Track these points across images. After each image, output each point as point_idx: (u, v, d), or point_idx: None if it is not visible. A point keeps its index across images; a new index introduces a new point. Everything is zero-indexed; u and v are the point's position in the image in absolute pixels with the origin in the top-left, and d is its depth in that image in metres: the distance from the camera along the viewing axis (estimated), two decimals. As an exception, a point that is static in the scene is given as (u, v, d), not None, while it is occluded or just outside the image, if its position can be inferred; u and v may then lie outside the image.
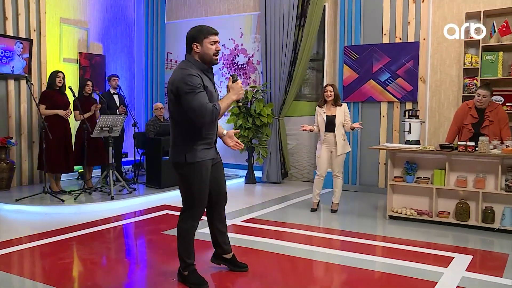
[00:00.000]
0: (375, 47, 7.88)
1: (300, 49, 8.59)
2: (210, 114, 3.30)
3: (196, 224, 3.63)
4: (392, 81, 7.76)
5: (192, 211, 3.58)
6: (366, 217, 6.28)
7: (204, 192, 3.57)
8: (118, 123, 7.27)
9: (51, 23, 8.74)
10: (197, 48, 3.47)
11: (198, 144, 3.47)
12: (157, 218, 6.12)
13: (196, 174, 3.49)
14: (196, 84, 3.31)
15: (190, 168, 3.48)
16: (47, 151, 6.94)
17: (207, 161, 3.54)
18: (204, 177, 3.52)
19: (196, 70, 3.42)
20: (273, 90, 8.89)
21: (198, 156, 3.47)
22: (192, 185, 3.52)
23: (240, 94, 3.48)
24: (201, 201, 3.57)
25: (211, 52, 3.46)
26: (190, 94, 3.29)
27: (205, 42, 3.45)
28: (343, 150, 6.27)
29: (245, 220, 5.98)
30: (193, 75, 3.34)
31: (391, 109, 7.86)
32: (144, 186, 8.08)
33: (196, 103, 3.28)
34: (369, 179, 8.09)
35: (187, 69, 3.39)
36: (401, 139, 7.55)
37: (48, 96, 7.12)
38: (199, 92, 3.30)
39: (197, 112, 3.29)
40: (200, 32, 3.48)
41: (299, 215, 6.37)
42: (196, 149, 3.46)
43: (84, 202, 6.74)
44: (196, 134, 3.47)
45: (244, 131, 8.66)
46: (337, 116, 6.21)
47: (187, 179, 3.53)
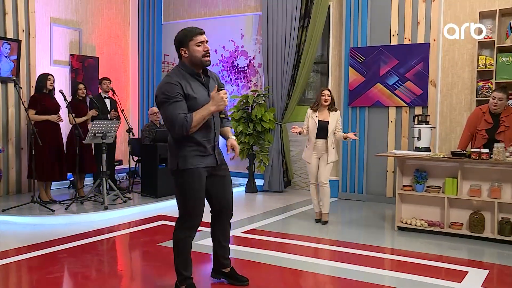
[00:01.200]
0: (383, 48, 7.86)
1: (304, 51, 8.58)
2: (180, 126, 3.33)
3: (192, 234, 3.64)
4: (400, 84, 7.74)
5: (187, 220, 3.60)
6: (374, 228, 6.26)
7: (198, 201, 3.57)
8: (112, 129, 7.26)
9: (41, 23, 8.74)
10: (185, 53, 3.50)
11: (190, 150, 3.50)
12: (153, 229, 6.11)
13: (188, 182, 3.52)
14: (172, 93, 3.35)
15: (182, 175, 3.52)
16: (37, 158, 6.90)
17: (200, 169, 3.54)
18: (196, 185, 3.54)
19: (180, 77, 3.44)
20: (275, 94, 8.88)
21: (190, 162, 3.50)
22: (185, 192, 3.55)
23: (220, 105, 3.42)
24: (195, 210, 3.58)
25: (199, 54, 3.48)
26: (164, 104, 3.37)
27: (191, 45, 3.48)
28: (333, 159, 6.25)
29: (245, 231, 5.98)
30: (172, 83, 3.38)
31: (399, 114, 7.84)
32: (139, 195, 8.04)
33: (168, 113, 3.35)
34: (376, 188, 8.06)
35: (169, 76, 3.45)
36: (410, 146, 7.52)
37: (37, 100, 7.10)
38: (173, 102, 3.34)
39: (168, 123, 3.38)
40: (184, 36, 3.51)
41: (303, 226, 6.36)
42: (187, 156, 3.50)
43: (76, 212, 6.72)
44: (188, 140, 3.50)
45: (245, 137, 8.66)
46: (330, 122, 6.21)
47: (180, 186, 3.56)
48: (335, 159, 6.28)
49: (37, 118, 7.00)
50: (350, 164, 8.26)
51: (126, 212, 6.93)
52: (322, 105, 6.25)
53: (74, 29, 9.35)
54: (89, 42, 9.68)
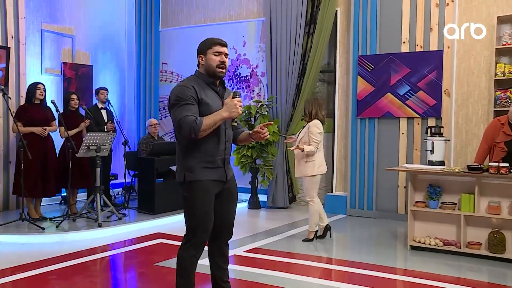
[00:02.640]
0: (393, 56, 7.85)
1: (309, 59, 8.59)
2: (188, 128, 3.35)
3: (198, 254, 3.62)
4: (412, 94, 7.72)
5: (194, 238, 3.57)
6: (385, 247, 6.22)
7: (207, 217, 3.55)
8: (107, 142, 7.24)
9: (32, 29, 8.74)
10: (202, 60, 3.60)
11: (197, 162, 3.51)
12: (149, 248, 6.07)
13: (195, 195, 3.52)
14: (185, 96, 3.42)
15: (189, 188, 3.52)
16: (26, 173, 6.86)
17: (208, 182, 3.54)
18: (205, 200, 3.53)
19: (195, 82, 3.52)
20: (279, 105, 8.87)
21: (198, 175, 3.50)
22: (192, 207, 3.54)
23: (233, 112, 3.43)
24: (203, 227, 3.55)
25: (213, 63, 3.55)
26: (175, 106, 3.44)
27: (208, 53, 3.57)
28: (300, 173, 6.32)
29: (248, 250, 5.93)
30: (186, 86, 3.46)
31: (411, 125, 7.82)
32: (135, 211, 8.02)
33: (177, 114, 3.41)
34: (387, 204, 8.02)
35: (183, 81, 3.55)
36: (423, 160, 7.49)
37: (24, 111, 7.10)
38: (184, 104, 3.40)
39: (176, 124, 3.42)
40: (205, 43, 3.62)
41: (309, 244, 6.32)
42: (195, 168, 3.51)
43: (67, 230, 6.68)
44: (196, 151, 3.52)
45: (247, 151, 8.64)
46: (300, 133, 6.36)
47: (187, 200, 3.56)
48: (302, 173, 6.29)
49: (22, 130, 6.97)
50: (359, 178, 8.23)
51: (121, 230, 6.90)
52: None
53: (66, 36, 9.36)
54: (83, 49, 9.69)
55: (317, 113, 6.32)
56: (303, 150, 6.12)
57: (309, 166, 6.24)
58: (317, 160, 6.25)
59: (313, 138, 6.19)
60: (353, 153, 8.25)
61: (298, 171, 6.34)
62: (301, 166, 6.29)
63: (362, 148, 8.17)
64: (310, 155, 6.20)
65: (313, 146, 6.17)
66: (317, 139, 6.19)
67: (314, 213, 6.34)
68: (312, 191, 6.30)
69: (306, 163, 6.23)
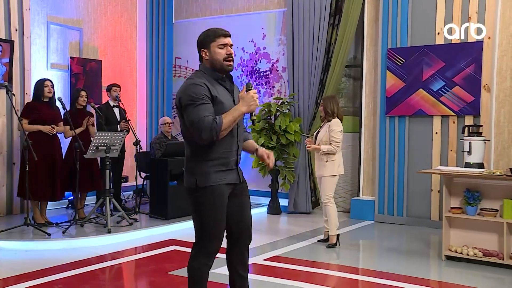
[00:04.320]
0: (426, 49, 7.79)
1: (334, 53, 8.56)
2: (208, 129, 3.34)
3: (210, 262, 3.63)
4: (447, 90, 7.65)
5: (205, 246, 3.58)
6: (417, 257, 6.16)
7: (219, 223, 3.57)
8: (117, 142, 7.26)
9: (37, 21, 8.77)
10: (206, 55, 3.60)
11: (211, 165, 3.51)
12: (162, 256, 6.09)
13: (208, 201, 3.51)
14: (199, 94, 3.41)
15: (201, 194, 3.52)
16: (31, 175, 6.88)
17: (222, 186, 3.54)
18: (218, 205, 3.53)
19: (204, 79, 3.52)
20: (302, 103, 8.86)
21: (211, 179, 3.50)
22: (204, 213, 3.54)
23: (251, 105, 3.46)
24: (214, 234, 3.57)
25: (220, 57, 3.55)
26: (190, 107, 3.40)
27: (212, 47, 3.57)
28: (320, 173, 6.49)
29: (268, 258, 5.95)
30: (197, 84, 3.45)
31: (446, 124, 7.76)
32: (147, 216, 8.04)
33: (194, 116, 3.38)
34: (419, 209, 7.96)
35: (192, 79, 3.53)
36: (459, 162, 7.43)
37: (32, 109, 7.13)
38: (200, 104, 3.38)
39: (194, 126, 3.38)
40: (206, 36, 3.62)
41: (334, 252, 6.31)
42: (208, 172, 3.50)
43: (75, 236, 6.71)
44: (208, 154, 3.51)
45: None
46: (321, 132, 6.56)
47: (199, 206, 3.56)
48: (324, 173, 6.43)
49: (28, 128, 7.02)
50: (388, 182, 8.18)
51: (132, 236, 6.93)
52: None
53: (74, 28, 9.39)
54: (91, 43, 9.72)
55: (338, 111, 6.53)
56: (319, 150, 6.38)
57: (329, 165, 6.42)
58: (337, 160, 6.45)
59: (334, 137, 6.36)
60: (381, 155, 8.20)
61: (318, 170, 6.53)
62: (321, 166, 6.48)
63: (392, 149, 8.12)
64: (330, 154, 6.38)
65: (333, 145, 6.34)
66: (338, 138, 6.37)
67: (333, 214, 6.47)
68: (331, 191, 6.47)
69: (326, 162, 6.41)
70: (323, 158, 6.42)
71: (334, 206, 6.49)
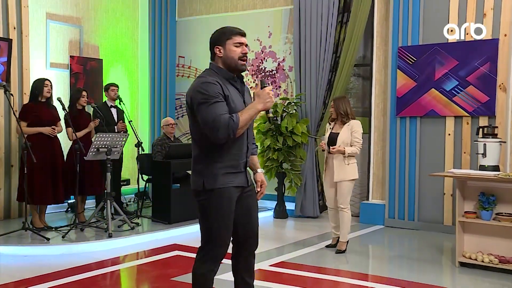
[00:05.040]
0: (439, 47, 7.76)
1: (343, 51, 8.56)
2: (225, 127, 3.36)
3: (215, 268, 3.63)
4: (460, 90, 7.63)
5: (211, 250, 3.59)
6: (429, 263, 6.13)
7: (226, 227, 3.57)
8: (119, 143, 7.27)
9: (36, 19, 8.76)
10: (220, 52, 3.59)
11: (220, 167, 3.52)
12: (165, 261, 6.10)
13: (215, 204, 3.53)
14: (213, 93, 3.41)
15: (209, 196, 3.53)
16: (30, 178, 6.89)
17: (231, 189, 3.55)
18: (226, 208, 3.54)
19: (217, 77, 3.53)
20: (309, 103, 8.84)
21: (219, 181, 3.51)
22: (211, 217, 3.55)
23: (268, 102, 3.49)
24: (221, 239, 3.58)
25: (235, 55, 3.56)
26: (204, 105, 3.40)
27: (228, 44, 3.57)
28: (341, 177, 6.37)
29: (274, 264, 5.95)
30: (210, 82, 3.45)
31: (459, 125, 7.73)
32: (149, 220, 8.05)
33: (209, 114, 3.38)
34: (431, 214, 7.93)
35: (204, 77, 3.53)
36: (473, 164, 7.40)
37: (30, 110, 7.12)
38: (214, 103, 3.39)
39: (210, 125, 3.38)
40: (222, 33, 3.62)
41: (342, 258, 6.31)
42: (216, 174, 3.52)
43: (75, 241, 6.72)
44: (218, 155, 3.52)
45: (273, 154, 8.63)
46: (341, 133, 6.43)
47: (205, 209, 3.57)
48: (345, 178, 6.36)
49: (28, 131, 7.00)
50: (399, 185, 8.15)
51: (134, 241, 6.93)
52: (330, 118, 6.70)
53: (74, 26, 9.39)
54: (92, 41, 9.73)
55: (351, 111, 6.52)
56: (344, 152, 6.27)
57: (351, 169, 6.40)
58: (356, 162, 6.47)
59: (358, 138, 6.37)
60: (392, 157, 8.18)
61: (339, 174, 6.38)
62: (341, 169, 6.37)
63: (402, 151, 8.09)
64: (352, 156, 6.38)
65: (356, 147, 6.35)
66: (361, 139, 6.40)
67: (348, 221, 6.44)
68: (349, 197, 6.45)
69: (348, 165, 6.37)
70: (343, 161, 6.36)
71: (350, 213, 6.45)
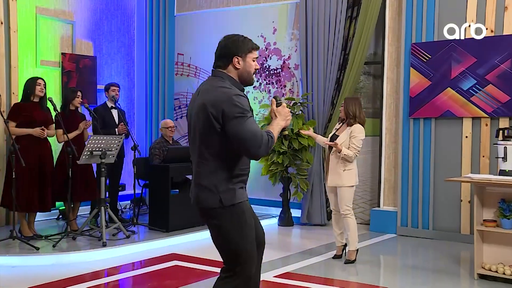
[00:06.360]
0: (455, 43, 7.74)
1: (352, 48, 8.56)
2: (266, 144, 3.44)
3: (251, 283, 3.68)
4: (479, 89, 7.61)
5: (243, 271, 3.59)
6: (445, 275, 6.12)
7: (252, 241, 3.62)
8: (114, 146, 7.28)
9: (24, 13, 8.75)
10: (238, 64, 3.62)
11: (235, 182, 3.58)
12: (163, 272, 6.10)
13: (238, 220, 3.56)
14: (246, 106, 3.48)
15: (229, 213, 3.54)
16: (18, 183, 6.89)
17: (247, 203, 3.66)
18: (249, 222, 3.62)
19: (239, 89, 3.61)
20: (316, 103, 8.84)
21: (238, 196, 3.57)
22: (236, 235, 3.56)
23: (288, 119, 3.64)
24: (252, 256, 3.62)
25: (252, 69, 3.66)
26: (241, 119, 3.42)
27: (248, 57, 3.64)
28: (336, 182, 6.45)
29: (278, 275, 5.97)
30: (241, 95, 3.51)
31: (477, 127, 7.71)
32: (146, 228, 8.08)
33: (248, 129, 3.41)
34: (447, 222, 7.92)
35: (231, 88, 3.53)
36: (492, 169, 7.37)
37: (21, 110, 7.14)
38: (250, 117, 3.47)
39: (250, 142, 3.41)
40: (244, 44, 3.65)
41: (351, 269, 6.32)
42: (233, 189, 3.56)
43: (66, 250, 6.73)
44: (232, 171, 3.56)
45: (278, 157, 8.61)
46: (341, 136, 6.49)
47: (226, 227, 3.56)
48: (342, 183, 6.39)
49: (16, 132, 7.03)
50: (412, 191, 8.14)
51: (130, 250, 6.95)
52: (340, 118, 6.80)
53: (66, 21, 9.39)
54: (85, 38, 9.72)
55: (360, 114, 6.52)
56: (340, 151, 6.29)
57: (347, 175, 6.42)
58: (354, 169, 6.50)
59: (355, 144, 6.37)
60: (404, 161, 8.17)
61: (333, 180, 6.46)
62: (337, 175, 6.44)
63: (416, 155, 8.08)
64: (348, 161, 6.39)
65: (352, 152, 6.36)
66: (359, 147, 6.41)
67: (354, 228, 6.47)
68: (350, 202, 6.48)
69: (343, 171, 6.40)
70: (340, 166, 6.41)
71: (354, 219, 6.48)
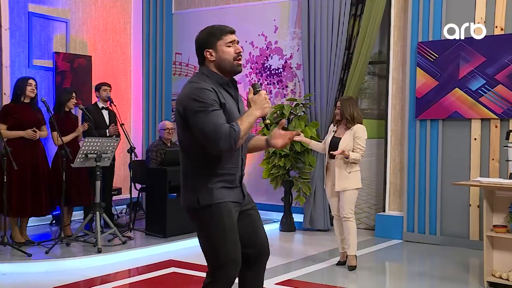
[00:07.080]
0: (463, 42, 7.72)
1: (356, 47, 8.55)
2: (227, 137, 3.38)
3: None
4: (488, 89, 7.60)
5: (222, 275, 3.57)
6: (454, 283, 6.11)
7: (233, 243, 3.56)
8: (109, 149, 7.27)
9: (16, 11, 8.74)
10: (211, 56, 3.61)
11: (215, 181, 3.55)
12: (160, 279, 6.12)
13: (215, 221, 3.52)
14: (210, 100, 3.44)
15: (206, 214, 3.54)
16: (10, 187, 6.89)
17: (229, 203, 3.57)
18: (227, 224, 3.54)
19: (211, 83, 3.55)
20: (319, 104, 8.83)
21: (216, 196, 3.53)
22: (213, 236, 3.55)
23: (265, 108, 3.54)
24: (230, 257, 3.55)
25: (229, 56, 3.59)
26: (201, 114, 3.41)
27: (219, 46, 3.60)
28: (343, 186, 6.44)
29: (280, 282, 5.97)
30: (206, 89, 3.47)
31: (486, 129, 7.69)
32: (142, 234, 8.09)
33: (208, 124, 3.39)
34: (455, 227, 7.90)
35: (198, 82, 3.54)
36: (502, 172, 7.37)
37: (10, 112, 7.14)
38: (212, 111, 3.42)
39: (210, 136, 3.39)
40: (210, 35, 3.63)
41: (355, 276, 6.34)
42: (211, 188, 3.54)
43: (60, 256, 6.73)
44: (213, 169, 3.55)
45: (279, 160, 8.60)
46: (343, 139, 6.47)
47: (205, 229, 3.58)
48: (348, 187, 6.42)
49: (7, 135, 7.03)
50: (419, 195, 8.12)
51: (126, 257, 6.96)
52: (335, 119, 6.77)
53: (59, 20, 9.38)
54: (79, 36, 9.72)
55: (358, 115, 6.54)
56: (348, 157, 6.27)
57: (353, 177, 6.45)
58: (359, 171, 6.54)
59: (361, 145, 6.39)
60: (410, 164, 8.15)
61: (340, 184, 6.43)
62: (343, 178, 6.44)
63: (423, 157, 8.07)
64: (354, 164, 6.43)
65: (358, 154, 6.37)
66: (364, 146, 6.43)
67: (354, 232, 6.52)
68: (353, 205, 6.52)
69: (349, 173, 6.42)
70: (345, 168, 6.42)
71: (355, 222, 6.53)
